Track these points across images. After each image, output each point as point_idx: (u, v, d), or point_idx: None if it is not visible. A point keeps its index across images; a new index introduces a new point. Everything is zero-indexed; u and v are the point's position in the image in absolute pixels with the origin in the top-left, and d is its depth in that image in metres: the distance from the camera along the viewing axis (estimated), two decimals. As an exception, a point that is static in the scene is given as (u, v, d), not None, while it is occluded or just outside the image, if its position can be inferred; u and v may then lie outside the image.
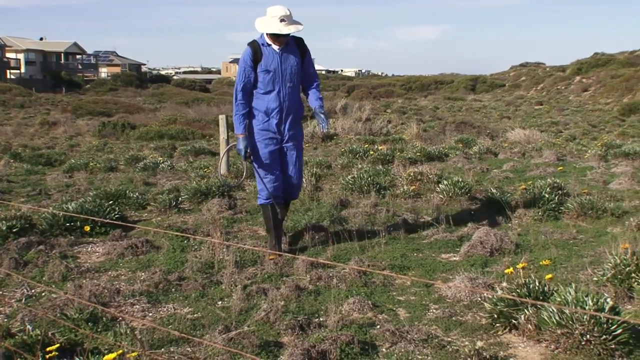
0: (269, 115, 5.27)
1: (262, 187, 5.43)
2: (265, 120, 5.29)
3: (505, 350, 3.56)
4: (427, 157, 11.29)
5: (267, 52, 5.20)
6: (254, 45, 5.23)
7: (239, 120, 5.27)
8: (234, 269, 4.93)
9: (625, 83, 45.21)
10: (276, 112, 5.28)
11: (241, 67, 5.29)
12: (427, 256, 5.48)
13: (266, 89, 5.24)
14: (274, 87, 5.24)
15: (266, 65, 5.20)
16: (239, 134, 5.28)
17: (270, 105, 5.25)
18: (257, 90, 5.27)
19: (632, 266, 4.22)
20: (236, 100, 5.28)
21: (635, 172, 9.45)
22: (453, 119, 26.48)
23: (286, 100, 5.28)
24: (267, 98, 5.25)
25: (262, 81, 5.23)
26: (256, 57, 5.20)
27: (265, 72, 5.20)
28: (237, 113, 5.28)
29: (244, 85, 5.25)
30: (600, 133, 23.04)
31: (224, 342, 3.57)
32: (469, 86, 61.87)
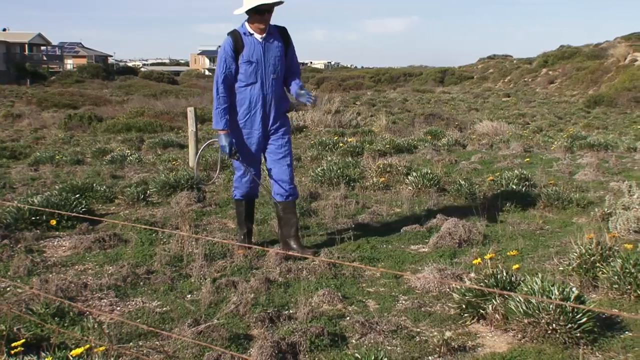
0: (252, 110, 5.03)
1: (238, 185, 5.32)
2: (247, 115, 5.05)
3: (473, 340, 3.60)
4: (396, 149, 11.34)
5: (249, 42, 4.95)
6: (234, 34, 4.97)
7: (219, 114, 4.97)
8: (203, 262, 4.90)
9: (590, 75, 45.91)
10: (260, 106, 5.03)
11: (221, 58, 5.00)
12: (396, 248, 5.50)
13: (248, 81, 4.98)
14: (256, 78, 4.98)
15: (248, 55, 4.94)
16: (220, 129, 4.98)
17: (253, 98, 5.01)
18: (239, 83, 5.01)
19: (596, 256, 4.29)
20: (217, 94, 4.97)
21: (600, 163, 9.61)
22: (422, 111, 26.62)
23: (270, 92, 5.03)
24: (249, 91, 5.00)
25: (244, 73, 4.96)
26: (237, 47, 4.94)
27: (248, 63, 4.94)
28: (218, 107, 4.97)
29: (225, 77, 4.96)
30: (566, 125, 23.37)
31: (193, 335, 3.55)
32: (437, 78, 62.26)
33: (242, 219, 5.44)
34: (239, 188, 5.32)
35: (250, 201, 5.47)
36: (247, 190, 5.32)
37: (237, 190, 5.35)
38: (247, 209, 5.43)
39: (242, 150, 5.11)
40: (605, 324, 3.62)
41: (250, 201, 5.47)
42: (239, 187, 5.31)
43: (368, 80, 62.71)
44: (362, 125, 17.87)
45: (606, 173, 8.84)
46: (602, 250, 4.33)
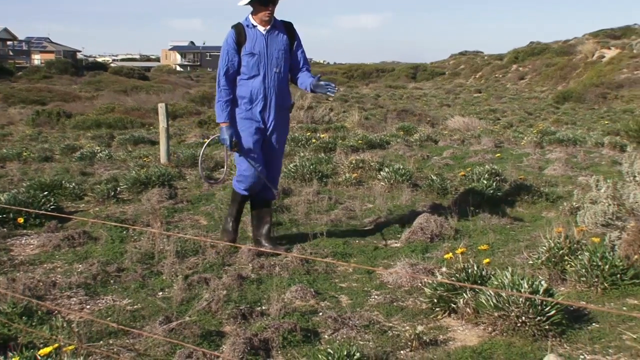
0: (253, 102, 4.96)
1: (242, 179, 5.14)
2: (248, 107, 4.97)
3: (444, 333, 3.62)
4: (368, 144, 11.37)
5: (251, 34, 4.90)
6: (237, 27, 4.92)
7: (221, 107, 4.94)
8: (175, 259, 4.87)
9: (559, 71, 46.47)
10: (260, 99, 4.95)
11: (224, 51, 4.95)
12: (368, 243, 5.52)
13: (250, 74, 4.92)
14: (258, 71, 4.91)
15: (251, 47, 4.88)
16: (221, 122, 4.95)
17: (254, 90, 4.93)
18: (241, 76, 4.95)
19: (565, 249, 4.35)
20: (219, 86, 4.95)
21: (569, 158, 9.75)
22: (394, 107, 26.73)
23: (271, 86, 4.95)
24: (251, 83, 4.93)
25: (247, 65, 4.91)
26: (240, 39, 4.88)
27: (250, 55, 4.88)
28: (220, 100, 4.94)
29: (227, 70, 4.92)
30: (536, 120, 23.64)
31: (164, 332, 3.52)
32: (410, 74, 62.56)
33: (234, 208, 5.35)
34: (241, 182, 5.17)
35: (246, 197, 5.31)
36: (250, 186, 5.14)
37: (241, 183, 5.19)
38: (242, 198, 5.31)
39: (241, 145, 5.01)
40: (573, 316, 3.68)
41: (246, 197, 5.31)
42: (242, 182, 5.16)
43: (341, 76, 62.76)
44: (335, 121, 17.89)
45: (575, 168, 8.97)
46: (571, 243, 4.40)
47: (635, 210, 4.88)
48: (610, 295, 4.01)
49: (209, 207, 6.75)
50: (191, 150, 10.01)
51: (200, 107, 25.62)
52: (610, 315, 3.71)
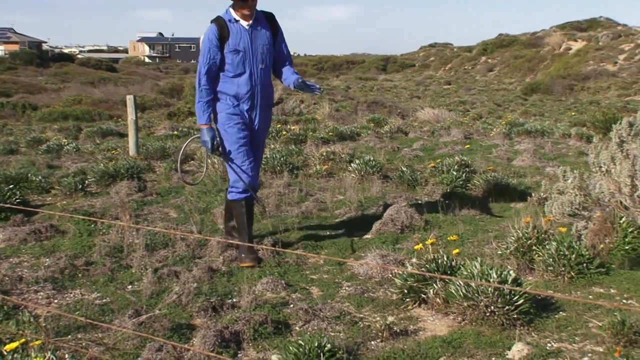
0: (240, 100, 4.69)
1: (237, 179, 4.75)
2: (235, 104, 4.70)
3: (415, 324, 3.65)
4: (339, 136, 11.38)
5: (234, 30, 4.60)
6: (219, 21, 4.61)
7: (202, 108, 4.65)
8: (145, 252, 4.82)
9: (527, 63, 46.96)
10: (248, 97, 4.69)
11: (205, 48, 4.63)
12: (339, 235, 5.53)
13: (236, 72, 4.65)
14: (244, 68, 4.65)
15: (234, 44, 4.60)
16: (202, 124, 4.66)
17: (241, 89, 4.67)
18: (225, 74, 4.68)
19: (533, 239, 4.40)
20: (199, 86, 4.64)
21: (537, 149, 9.86)
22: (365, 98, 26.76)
23: (258, 83, 4.71)
24: (237, 81, 4.66)
25: (231, 63, 4.63)
26: (222, 35, 4.58)
27: (234, 52, 4.60)
28: (201, 100, 4.65)
29: (209, 68, 4.62)
30: (505, 112, 23.86)
31: (134, 326, 3.49)
32: (380, 66, 62.65)
33: (243, 222, 4.86)
34: (238, 181, 4.76)
35: (250, 202, 4.89)
36: (249, 181, 4.75)
37: (236, 185, 4.79)
38: (248, 210, 4.88)
39: (231, 141, 4.70)
40: (540, 305, 3.73)
41: (250, 202, 4.89)
42: (238, 181, 4.76)
43: (311, 68, 62.64)
44: (306, 113, 17.87)
45: (542, 159, 9.08)
46: (538, 233, 4.45)
47: (601, 200, 4.96)
48: (576, 284, 4.07)
49: (178, 200, 6.70)
50: (160, 143, 9.92)
51: (169, 99, 25.40)
52: (576, 303, 3.77)
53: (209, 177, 7.59)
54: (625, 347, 3.13)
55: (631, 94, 32.01)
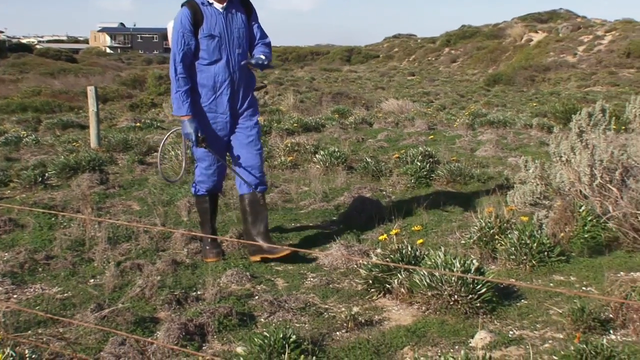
0: (218, 90, 4.42)
1: (203, 179, 4.63)
2: (212, 97, 4.43)
3: (379, 314, 3.67)
4: (304, 128, 11.36)
5: (208, 13, 4.34)
6: (191, 4, 4.33)
7: (181, 98, 4.33)
8: (107, 246, 4.76)
9: (490, 55, 47.44)
10: (227, 85, 4.42)
11: (178, 33, 4.33)
12: (304, 226, 5.53)
13: (212, 58, 4.37)
14: (221, 55, 4.38)
15: (209, 28, 4.33)
16: (183, 115, 4.34)
17: (218, 77, 4.40)
18: (200, 62, 4.39)
19: (495, 229, 4.46)
20: (175, 74, 4.33)
21: (499, 139, 9.97)
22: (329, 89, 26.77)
23: (237, 69, 4.44)
24: (213, 69, 4.39)
25: (206, 49, 4.35)
26: (196, 19, 4.30)
27: (209, 37, 4.33)
28: (179, 90, 4.33)
29: (184, 55, 4.33)
30: (468, 103, 24.09)
31: (96, 320, 3.45)
32: (344, 57, 62.68)
33: (207, 217, 4.77)
34: (203, 182, 4.64)
35: (214, 196, 4.82)
36: (214, 184, 4.67)
37: (202, 184, 4.66)
38: (212, 205, 4.79)
39: (208, 139, 4.46)
40: (503, 294, 3.78)
41: (214, 196, 4.82)
42: (204, 181, 4.63)
43: (275, 59, 62.40)
44: (270, 104, 17.80)
45: (505, 149, 9.19)
46: (501, 223, 4.51)
47: (562, 189, 5.04)
48: (538, 272, 4.14)
49: (141, 192, 6.63)
50: (123, 135, 9.78)
51: (132, 91, 25.07)
52: (537, 291, 3.83)
53: (173, 168, 7.52)
54: (585, 333, 3.19)
55: (590, 85, 32.58)
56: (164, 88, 22.45)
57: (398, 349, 3.20)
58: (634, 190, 4.43)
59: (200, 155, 4.56)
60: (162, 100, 17.81)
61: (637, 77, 33.12)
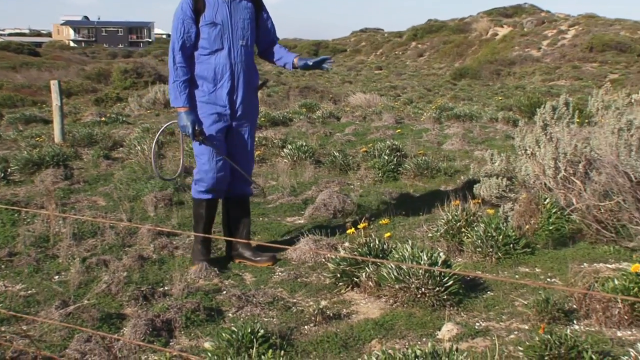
0: (218, 83, 4.18)
1: (201, 178, 4.33)
2: (211, 90, 4.19)
3: (347, 307, 3.68)
4: (271, 122, 11.33)
5: (211, 0, 4.13)
6: None
7: (178, 89, 4.12)
8: (72, 242, 4.69)
9: (456, 49, 47.84)
10: (227, 77, 4.18)
11: (178, 20, 4.11)
12: (272, 220, 5.52)
13: (213, 47, 4.14)
14: (222, 44, 4.14)
15: (211, 16, 4.10)
16: (180, 106, 4.12)
17: (219, 68, 4.16)
18: (200, 52, 4.17)
19: (462, 222, 4.50)
20: (174, 63, 4.12)
21: (466, 133, 10.07)
22: (297, 84, 26.73)
23: (238, 62, 4.20)
24: (214, 59, 4.16)
25: (207, 37, 4.12)
26: (198, 6, 4.10)
27: (211, 25, 4.10)
28: (177, 80, 4.11)
29: (183, 44, 4.11)
30: (435, 96, 24.26)
31: (61, 317, 3.40)
32: (311, 51, 62.61)
33: (200, 226, 4.43)
34: (202, 180, 4.32)
35: (214, 202, 4.47)
36: (214, 183, 4.31)
37: (201, 183, 4.34)
38: (208, 211, 4.45)
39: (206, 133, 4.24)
40: (469, 286, 3.82)
41: (214, 202, 4.47)
42: (203, 179, 4.31)
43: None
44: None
45: (471, 142, 9.28)
46: (467, 216, 4.55)
47: (527, 182, 5.11)
48: (503, 264, 4.19)
49: (107, 188, 6.54)
50: (88, 129, 9.64)
51: (96, 85, 24.72)
52: (503, 283, 3.88)
53: (139, 163, 7.44)
54: (549, 323, 3.24)
55: (554, 78, 33.06)
56: (129, 82, 22.22)
57: (366, 342, 3.21)
58: (596, 183, 4.51)
59: (199, 149, 4.29)
60: (128, 95, 17.60)
61: (599, 71, 33.71)
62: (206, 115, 4.23)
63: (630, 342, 3.02)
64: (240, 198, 4.53)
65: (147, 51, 57.16)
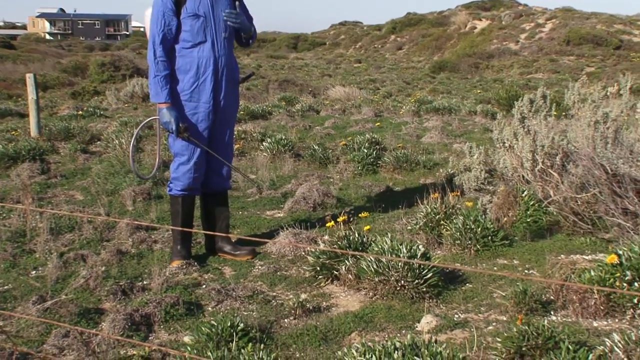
0: (201, 77, 4.09)
1: (179, 176, 4.27)
2: (194, 85, 4.10)
3: (327, 300, 3.69)
4: (250, 115, 11.29)
5: None
6: None
7: (160, 84, 4.02)
8: (49, 237, 4.65)
9: (435, 42, 47.95)
10: (211, 71, 4.10)
11: (158, 12, 4.02)
12: (252, 214, 5.51)
13: (196, 40, 4.06)
14: (205, 37, 4.06)
15: (193, 7, 4.02)
16: (161, 102, 4.03)
17: (202, 61, 4.08)
18: (182, 45, 4.07)
19: (441, 214, 4.52)
20: (155, 57, 4.01)
21: (445, 126, 10.11)
22: (276, 77, 26.64)
23: (222, 55, 4.13)
24: (197, 52, 4.07)
25: (190, 30, 4.03)
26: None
27: (194, 16, 4.01)
28: (158, 74, 4.02)
29: (164, 37, 4.01)
30: (414, 90, 24.31)
31: (38, 312, 3.37)
32: (291, 44, 62.48)
33: (177, 221, 4.34)
34: (178, 179, 4.26)
35: (191, 198, 4.40)
36: (190, 183, 4.27)
37: (177, 182, 4.28)
38: (186, 208, 4.37)
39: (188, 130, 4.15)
40: (448, 278, 3.84)
41: (191, 198, 4.40)
42: (179, 178, 4.25)
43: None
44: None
45: (450, 135, 9.32)
46: (446, 208, 4.58)
47: (505, 174, 5.15)
48: (482, 257, 4.22)
49: (84, 182, 6.49)
50: (64, 123, 9.54)
51: (73, 78, 24.46)
52: (482, 275, 3.91)
53: (117, 157, 7.38)
54: (527, 314, 3.27)
55: (532, 71, 33.27)
56: (107, 75, 21.99)
57: (346, 335, 3.22)
58: (573, 175, 4.56)
59: (177, 149, 4.21)
60: (106, 88, 17.43)
61: (576, 64, 34.01)
62: (189, 114, 4.15)
63: (606, 332, 3.06)
64: (219, 192, 4.50)
65: (125, 44, 56.63)
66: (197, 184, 4.33)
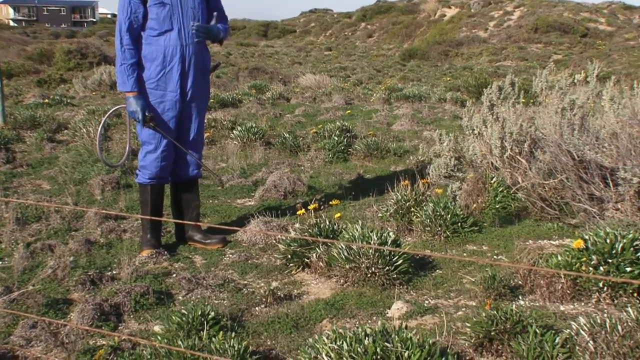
0: (167, 65, 4.04)
1: (146, 165, 4.24)
2: (160, 73, 4.06)
3: (298, 288, 3.69)
4: (220, 103, 11.22)
5: None
6: None
7: (126, 72, 3.98)
8: (15, 227, 4.58)
9: (405, 30, 48.07)
10: (178, 59, 4.05)
11: (125, 0, 3.98)
12: (222, 202, 5.48)
13: (162, 28, 4.00)
14: (172, 25, 4.00)
15: None
16: (128, 91, 4.00)
17: (168, 49, 4.02)
18: (148, 32, 4.02)
19: (411, 201, 4.55)
20: (121, 46, 3.96)
21: (415, 113, 10.16)
22: (246, 65, 26.47)
23: (190, 43, 4.06)
24: (163, 40, 4.02)
25: (156, 18, 3.98)
26: None
27: (160, 4, 3.96)
28: (125, 62, 3.97)
29: (130, 24, 3.96)
30: (384, 77, 24.36)
31: (4, 304, 3.32)
32: (260, 32, 62.12)
33: (147, 210, 4.32)
34: (146, 168, 4.23)
35: (159, 187, 4.37)
36: (158, 171, 4.25)
37: (145, 170, 4.25)
38: (154, 196, 4.34)
39: (155, 119, 4.12)
40: (418, 264, 3.87)
41: (159, 187, 4.37)
42: (147, 167, 4.23)
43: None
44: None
45: (420, 123, 9.37)
46: (416, 195, 4.60)
47: (474, 161, 5.19)
48: (452, 243, 4.26)
49: (51, 171, 6.39)
50: (30, 112, 9.37)
51: (39, 66, 24.02)
52: (452, 261, 3.95)
53: (85, 146, 7.28)
54: (496, 299, 3.31)
55: (501, 59, 33.56)
56: (73, 63, 21.63)
57: (317, 322, 3.23)
58: (541, 162, 4.61)
59: (145, 137, 4.18)
60: (72, 76, 17.15)
61: (544, 52, 34.38)
62: (156, 102, 4.11)
63: (572, 315, 3.12)
64: (189, 181, 4.47)
65: (92, 31, 55.76)
66: (165, 173, 4.31)
